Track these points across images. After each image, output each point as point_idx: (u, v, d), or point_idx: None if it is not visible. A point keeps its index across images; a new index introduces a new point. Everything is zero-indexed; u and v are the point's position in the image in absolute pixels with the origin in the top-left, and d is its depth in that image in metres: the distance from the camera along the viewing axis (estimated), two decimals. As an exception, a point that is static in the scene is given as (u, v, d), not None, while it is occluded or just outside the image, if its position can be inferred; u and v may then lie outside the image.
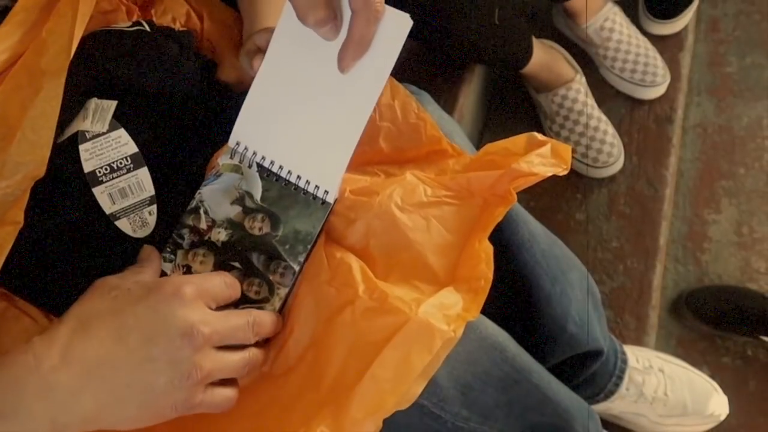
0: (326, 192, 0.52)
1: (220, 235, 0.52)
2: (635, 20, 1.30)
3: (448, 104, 1.14)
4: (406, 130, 0.57)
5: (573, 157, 1.19)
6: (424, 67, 1.15)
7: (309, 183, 0.52)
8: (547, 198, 1.20)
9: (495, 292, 0.49)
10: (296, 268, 0.51)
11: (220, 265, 0.52)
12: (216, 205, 0.53)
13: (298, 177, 0.52)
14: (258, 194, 0.53)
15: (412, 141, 0.57)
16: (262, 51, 0.53)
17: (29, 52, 0.53)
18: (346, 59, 0.48)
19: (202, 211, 0.53)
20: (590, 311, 0.87)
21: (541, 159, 0.49)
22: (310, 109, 0.52)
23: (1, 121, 0.49)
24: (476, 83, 1.20)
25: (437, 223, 0.50)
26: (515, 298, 0.79)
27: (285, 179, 0.53)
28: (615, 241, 1.15)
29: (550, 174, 0.48)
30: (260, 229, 0.52)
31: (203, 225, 0.53)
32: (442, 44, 1.04)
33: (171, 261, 0.52)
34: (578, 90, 1.20)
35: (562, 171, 0.49)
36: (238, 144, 0.54)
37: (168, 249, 0.53)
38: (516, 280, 0.78)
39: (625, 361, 0.97)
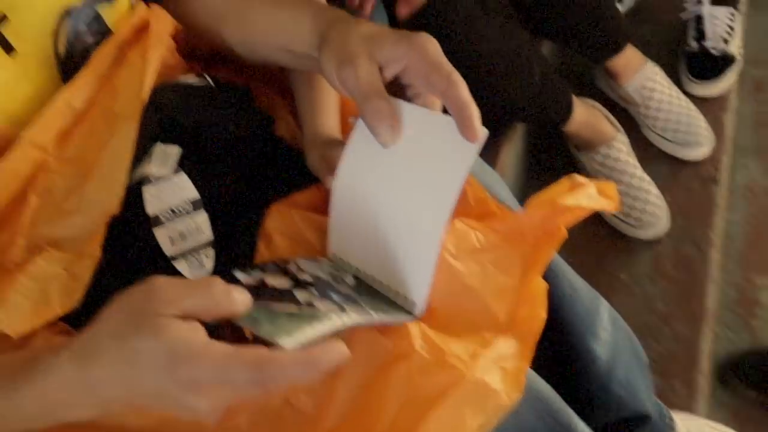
0: (414, 303, 0.54)
1: (302, 274, 0.55)
2: (677, 82, 1.34)
3: (489, 161, 1.18)
4: None
5: (616, 217, 1.22)
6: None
7: (398, 294, 0.55)
8: (590, 257, 1.22)
9: (538, 345, 0.51)
10: (373, 316, 0.51)
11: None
12: (308, 266, 0.56)
13: (389, 288, 0.55)
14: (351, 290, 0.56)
15: (459, 204, 0.61)
16: (332, 167, 0.57)
17: (103, 97, 0.58)
18: (471, 127, 0.50)
19: (292, 266, 0.56)
20: (636, 373, 0.88)
21: (588, 196, 0.52)
22: (389, 221, 0.55)
23: (80, 160, 0.54)
24: (517, 140, 1.25)
25: (492, 267, 0.53)
26: (557, 354, 0.81)
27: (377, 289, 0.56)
28: (661, 304, 1.16)
29: (598, 208, 0.51)
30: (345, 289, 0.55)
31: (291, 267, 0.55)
32: (481, 102, 1.09)
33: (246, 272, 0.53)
34: (620, 149, 1.24)
35: (611, 207, 0.52)
36: (334, 255, 0.59)
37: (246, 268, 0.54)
38: (557, 335, 0.79)
39: (673, 428, 0.97)
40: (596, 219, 1.24)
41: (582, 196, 0.52)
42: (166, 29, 0.63)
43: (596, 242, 1.21)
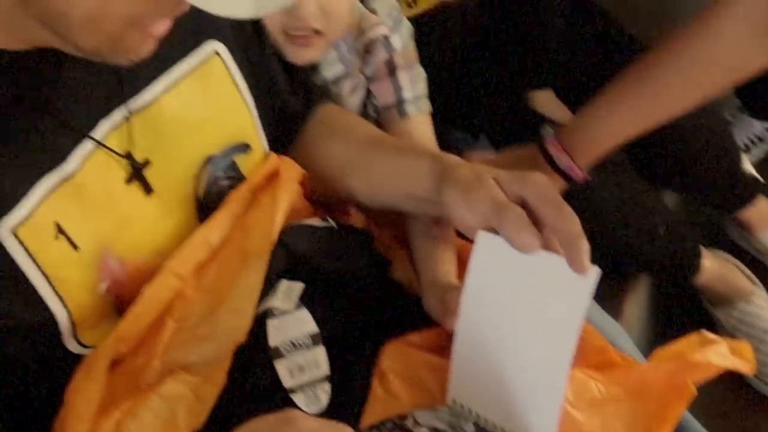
0: None
1: (419, 429, 0.55)
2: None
3: (612, 313, 1.15)
4: None
5: (757, 378, 1.12)
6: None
7: None
8: (728, 421, 1.12)
9: None
10: None
11: None
12: (425, 418, 0.56)
13: None
14: None
15: (577, 352, 0.59)
16: (450, 311, 0.59)
17: (237, 235, 0.64)
18: (579, 261, 0.50)
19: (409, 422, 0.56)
20: None
21: (720, 354, 0.49)
22: (511, 365, 0.55)
23: (214, 291, 0.59)
24: (643, 292, 1.21)
25: (614, 419, 0.51)
26: None
27: None
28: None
29: (730, 367, 0.48)
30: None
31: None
32: (603, 251, 1.08)
33: None
34: (761, 305, 1.16)
35: (745, 368, 0.49)
36: (454, 401, 0.59)
37: None
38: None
39: None
40: (735, 377, 1.14)
41: (712, 354, 0.50)
42: (295, 176, 0.69)
43: (733, 402, 1.11)
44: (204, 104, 0.66)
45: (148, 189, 0.63)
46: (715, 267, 1.17)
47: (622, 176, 1.09)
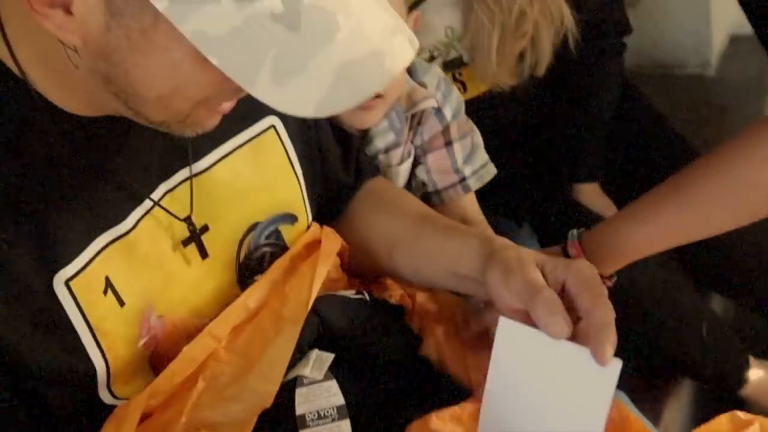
0: None
1: None
2: None
3: (650, 417, 1.11)
4: (610, 428, 0.58)
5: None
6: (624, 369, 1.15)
7: None
8: None
9: None
10: None
11: None
12: None
13: None
14: None
15: None
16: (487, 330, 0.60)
17: (274, 301, 0.66)
18: (600, 351, 0.51)
19: None
20: None
21: None
22: (540, 426, 0.55)
23: (246, 353, 0.60)
24: (685, 397, 1.17)
25: None
26: None
27: None
28: None
29: None
30: None
31: None
32: (643, 350, 1.06)
33: None
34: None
35: None
36: None
37: None
38: None
39: None
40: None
41: None
42: (335, 248, 0.71)
43: None
44: (255, 173, 0.69)
45: (204, 253, 0.65)
46: (763, 380, 1.13)
47: (668, 274, 1.07)
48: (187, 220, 0.64)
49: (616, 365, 0.50)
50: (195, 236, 0.65)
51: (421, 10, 0.97)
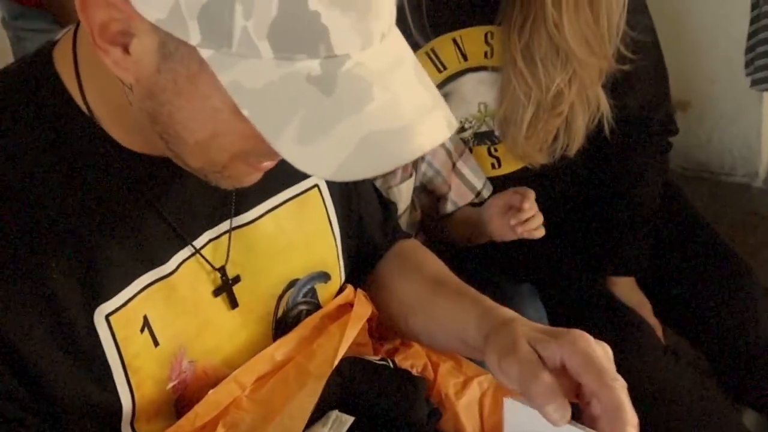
0: None
1: None
2: None
3: None
4: None
5: None
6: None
7: None
8: None
9: None
10: None
11: None
12: None
13: None
14: None
15: None
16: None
17: (301, 356, 0.67)
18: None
19: None
20: None
21: None
22: None
23: (267, 404, 0.61)
24: None
25: None
26: None
27: None
28: None
29: None
30: None
31: None
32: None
33: None
34: None
35: None
36: None
37: None
38: None
39: None
40: None
41: None
42: (366, 312, 0.73)
43: None
44: (297, 230, 0.71)
45: (234, 303, 0.67)
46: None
47: (702, 384, 1.04)
48: (221, 270, 0.66)
49: None
50: (227, 286, 0.66)
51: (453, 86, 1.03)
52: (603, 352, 0.53)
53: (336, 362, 0.65)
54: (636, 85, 1.07)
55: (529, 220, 0.92)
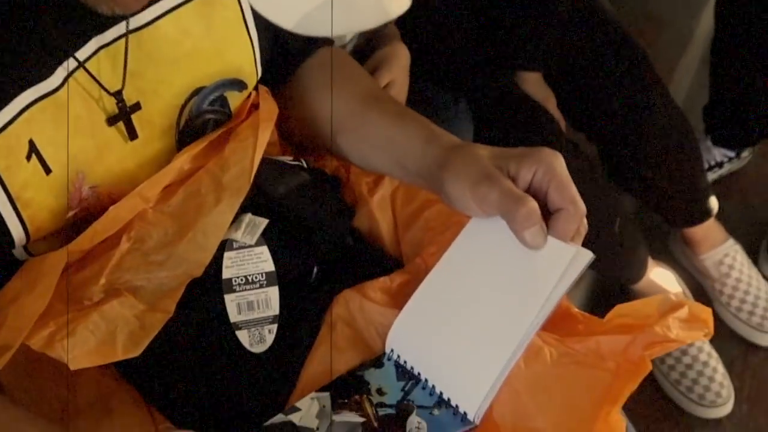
0: (465, 413, 0.54)
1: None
2: (757, 265, 1.32)
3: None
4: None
5: (677, 389, 1.18)
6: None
7: (450, 400, 0.55)
8: (648, 426, 1.17)
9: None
10: None
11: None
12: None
13: (441, 393, 0.56)
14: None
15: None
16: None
17: (212, 164, 0.62)
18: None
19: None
20: None
21: (680, 323, 0.49)
22: (466, 326, 0.56)
23: (178, 218, 0.58)
24: (581, 290, 1.24)
25: (562, 390, 0.51)
26: None
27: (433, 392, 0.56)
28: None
29: (690, 341, 0.49)
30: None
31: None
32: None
33: None
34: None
35: (703, 336, 0.50)
36: (391, 351, 0.59)
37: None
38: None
39: None
40: (654, 386, 1.20)
41: (674, 324, 0.49)
42: (273, 109, 0.67)
43: (653, 409, 1.16)
44: (204, 33, 0.63)
45: (132, 134, 0.60)
46: (655, 276, 1.21)
47: (591, 169, 1.10)
48: (117, 95, 0.58)
49: (585, 257, 0.52)
50: (124, 115, 0.59)
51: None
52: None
53: (253, 173, 0.60)
54: None
55: None
